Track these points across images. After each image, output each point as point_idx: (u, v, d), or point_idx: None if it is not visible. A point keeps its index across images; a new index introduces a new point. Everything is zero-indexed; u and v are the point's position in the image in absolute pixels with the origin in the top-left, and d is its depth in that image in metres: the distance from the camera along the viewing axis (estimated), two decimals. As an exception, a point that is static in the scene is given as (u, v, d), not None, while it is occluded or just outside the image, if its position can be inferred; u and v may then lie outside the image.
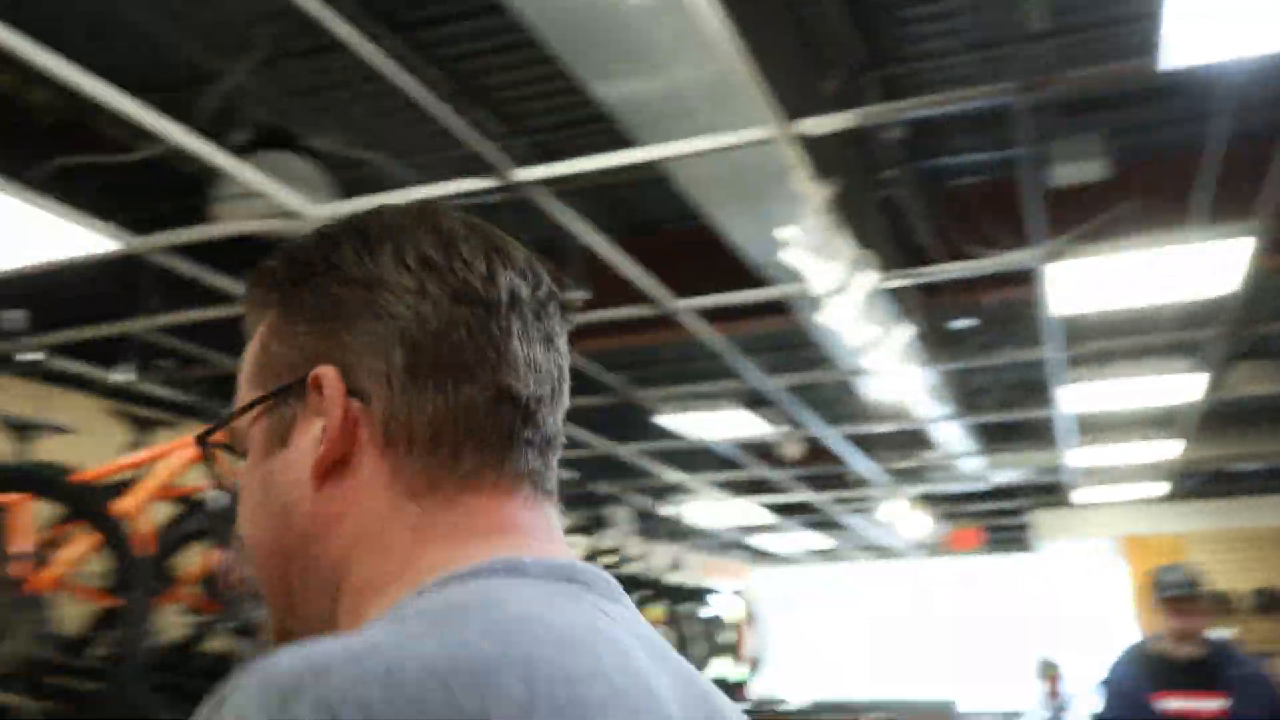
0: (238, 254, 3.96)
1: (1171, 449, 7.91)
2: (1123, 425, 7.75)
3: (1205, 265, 4.16)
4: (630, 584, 6.56)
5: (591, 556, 6.45)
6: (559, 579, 0.66)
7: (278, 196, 3.21)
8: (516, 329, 0.71)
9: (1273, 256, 4.40)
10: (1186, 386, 6.13)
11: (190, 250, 3.91)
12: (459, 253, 0.71)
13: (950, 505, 11.67)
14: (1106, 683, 3.43)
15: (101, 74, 2.86)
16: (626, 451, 7.94)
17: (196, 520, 3.60)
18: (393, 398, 0.68)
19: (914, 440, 8.64)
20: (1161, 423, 7.70)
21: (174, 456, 3.55)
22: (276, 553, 0.71)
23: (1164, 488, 9.25)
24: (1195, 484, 10.30)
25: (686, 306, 4.72)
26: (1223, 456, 9.02)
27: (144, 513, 3.42)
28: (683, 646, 6.60)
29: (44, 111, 4.14)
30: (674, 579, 7.22)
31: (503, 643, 0.56)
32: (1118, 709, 3.29)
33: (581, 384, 6.56)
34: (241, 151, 3.46)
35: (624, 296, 4.88)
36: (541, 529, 0.71)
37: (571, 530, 6.89)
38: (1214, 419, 8.56)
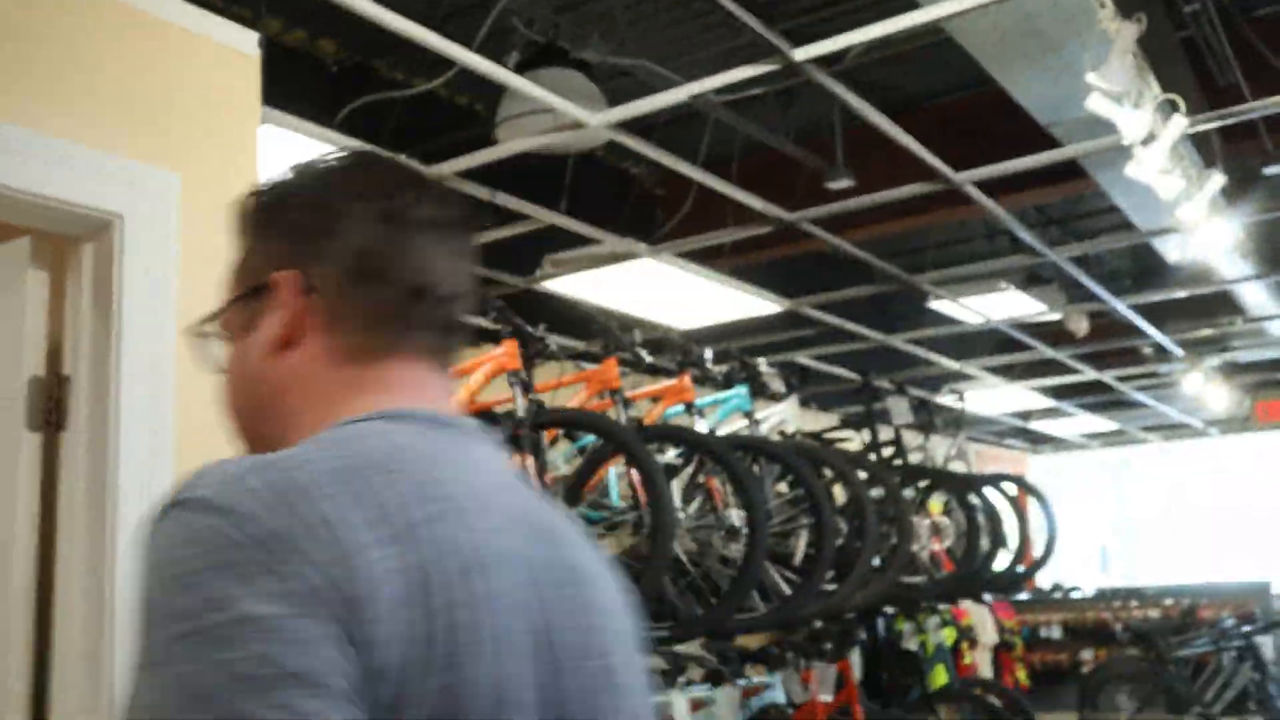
0: (523, 175, 4.09)
1: None
2: None
3: None
4: (912, 474, 6.45)
5: (869, 449, 6.36)
6: (435, 424, 0.91)
7: (563, 109, 3.25)
8: (430, 243, 0.94)
9: None
10: None
11: (476, 174, 4.06)
12: (388, 185, 0.95)
13: (1258, 374, 10.75)
14: None
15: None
16: (900, 341, 7.76)
17: (502, 430, 3.79)
18: (335, 294, 0.93)
19: (1217, 305, 7.97)
20: None
21: (475, 373, 3.73)
22: (246, 409, 0.98)
23: None
24: None
25: (970, 178, 4.48)
26: None
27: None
28: (973, 536, 6.41)
29: (331, 61, 4.39)
30: (955, 468, 7.03)
31: (382, 452, 0.83)
32: None
33: (852, 275, 6.42)
34: (519, 70, 3.53)
35: (896, 178, 4.70)
36: (434, 389, 0.96)
37: (846, 424, 6.81)
38: None
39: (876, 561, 5.43)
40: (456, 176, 3.90)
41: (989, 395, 9.47)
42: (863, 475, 5.49)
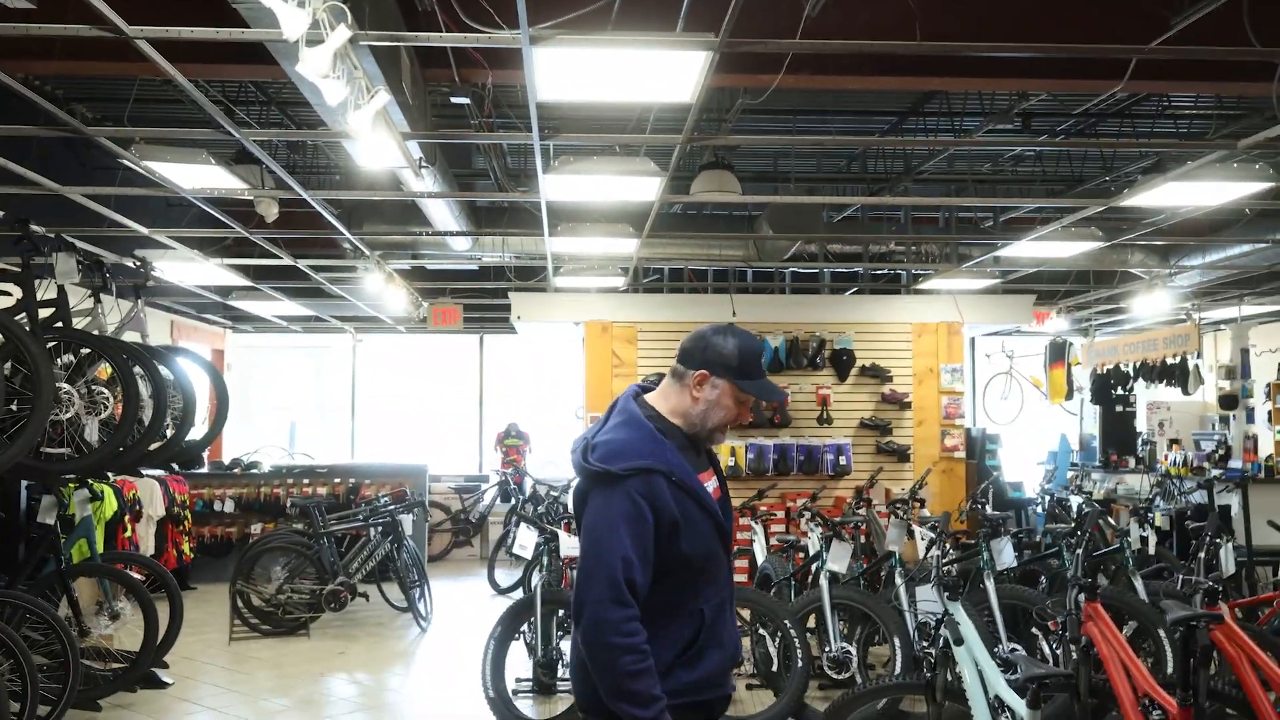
0: None
1: (631, 245, 8.65)
2: (593, 218, 8.30)
3: (668, 71, 4.46)
4: (71, 339, 5.99)
5: (23, 306, 5.76)
6: None
7: None
8: None
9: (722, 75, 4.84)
10: (648, 188, 6.65)
11: None
12: None
13: (438, 282, 11.93)
14: None
15: None
16: (78, 194, 7.09)
17: None
18: None
19: (410, 213, 8.62)
20: (625, 219, 8.36)
21: None
22: None
23: (622, 280, 10.15)
24: (650, 280, 11.44)
25: (143, 34, 4.18)
26: (679, 255, 10.08)
27: None
28: (130, 409, 6.14)
29: None
30: (128, 337, 6.69)
31: None
32: None
33: (27, 110, 5.67)
34: None
35: (76, 13, 4.21)
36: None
37: (4, 276, 6.07)
38: (670, 221, 9.48)
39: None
40: None
41: (187, 267, 9.18)
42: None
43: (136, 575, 6.97)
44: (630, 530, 2.42)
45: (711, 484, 2.68)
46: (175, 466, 9.60)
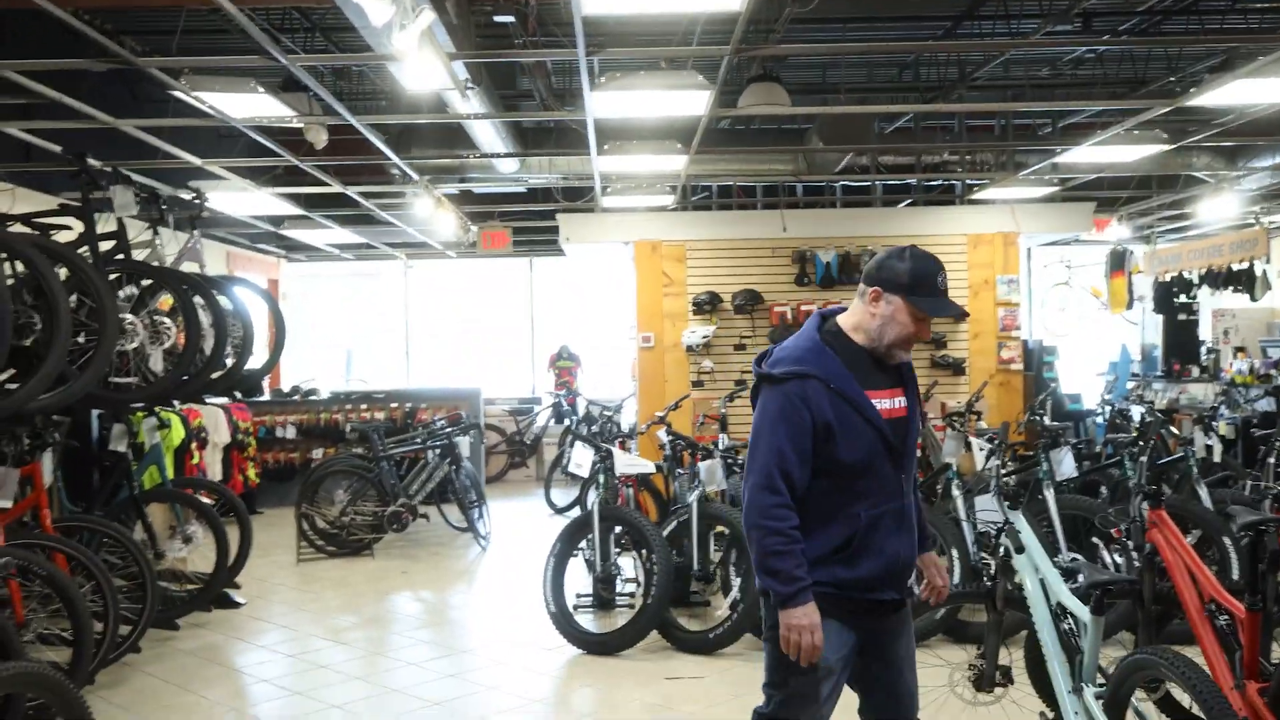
0: None
1: (679, 162, 8.54)
2: (640, 135, 8.19)
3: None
4: (132, 271, 6.08)
5: (84, 239, 5.85)
6: None
7: None
8: None
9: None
10: (696, 102, 6.54)
11: None
12: None
13: (486, 205, 11.90)
14: None
15: None
16: (130, 126, 7.13)
17: None
18: None
19: (456, 137, 8.57)
20: (673, 135, 8.24)
21: None
22: None
23: (671, 199, 10.05)
24: (699, 197, 11.32)
25: (188, -41, 4.15)
26: (727, 172, 9.96)
27: None
28: (192, 338, 6.24)
29: None
30: (186, 268, 6.77)
31: None
32: None
33: (78, 45, 5.69)
34: None
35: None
36: None
37: (66, 210, 6.16)
38: (718, 136, 9.33)
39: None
40: None
41: (239, 198, 9.24)
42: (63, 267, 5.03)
43: (206, 500, 7.15)
44: (786, 427, 2.70)
45: (893, 401, 2.85)
46: (238, 395, 9.83)
